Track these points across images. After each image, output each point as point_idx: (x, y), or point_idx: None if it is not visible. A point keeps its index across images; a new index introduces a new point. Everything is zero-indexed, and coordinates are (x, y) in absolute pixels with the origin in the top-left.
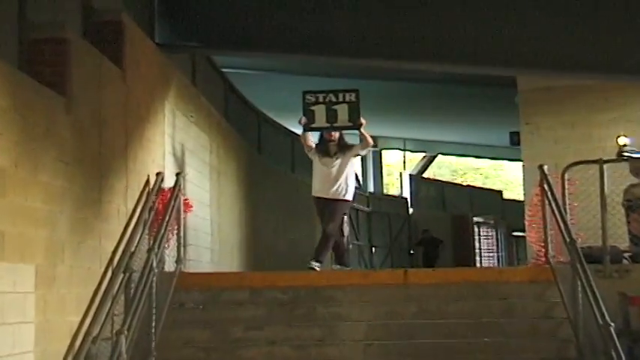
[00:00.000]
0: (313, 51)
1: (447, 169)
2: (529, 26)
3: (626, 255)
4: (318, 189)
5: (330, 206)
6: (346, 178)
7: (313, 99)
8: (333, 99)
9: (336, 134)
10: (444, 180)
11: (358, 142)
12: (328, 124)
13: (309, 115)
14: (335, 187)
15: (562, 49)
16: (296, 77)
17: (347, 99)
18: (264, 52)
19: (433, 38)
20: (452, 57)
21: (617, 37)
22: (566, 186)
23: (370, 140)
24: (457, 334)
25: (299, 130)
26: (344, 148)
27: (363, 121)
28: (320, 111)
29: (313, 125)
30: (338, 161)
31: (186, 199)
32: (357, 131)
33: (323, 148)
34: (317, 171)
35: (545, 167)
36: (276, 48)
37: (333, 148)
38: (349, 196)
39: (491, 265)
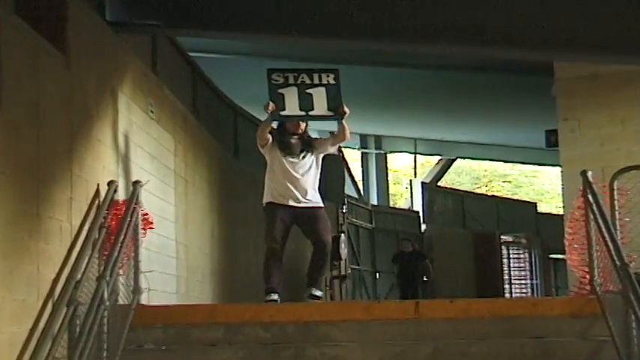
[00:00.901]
0: (302, 32)
1: (467, 176)
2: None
3: None
4: (280, 194)
5: (307, 216)
6: (315, 182)
7: (281, 79)
8: (307, 80)
9: (303, 125)
10: (464, 190)
11: (327, 136)
12: (303, 112)
13: (278, 99)
14: (308, 193)
15: (610, 26)
16: (281, 63)
17: (324, 81)
18: (240, 32)
19: (450, 14)
20: (473, 37)
21: None
22: (616, 197)
23: (349, 135)
24: None
25: None
26: (310, 143)
27: (346, 109)
28: (291, 95)
29: (284, 113)
30: (307, 160)
31: (145, 214)
32: (333, 122)
33: (284, 142)
34: (278, 172)
35: (590, 174)
36: (256, 28)
37: (298, 144)
38: (321, 204)
39: (523, 295)
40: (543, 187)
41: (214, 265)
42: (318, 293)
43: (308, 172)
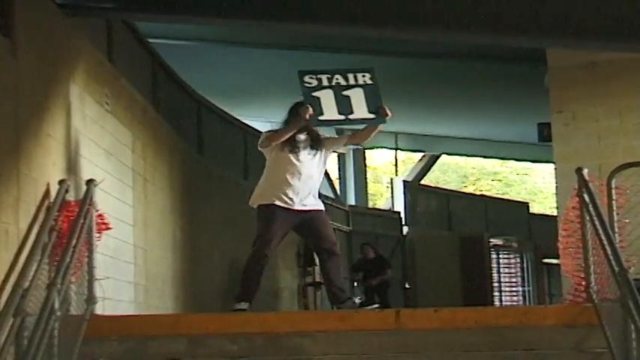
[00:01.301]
0: (270, 15)
1: (453, 173)
2: None
3: None
4: (284, 195)
5: (313, 220)
6: (319, 183)
7: (315, 82)
8: (342, 82)
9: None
10: (449, 189)
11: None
12: (342, 117)
13: (314, 103)
14: (314, 196)
15: (608, 10)
16: (249, 50)
17: (360, 81)
18: (203, 16)
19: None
20: (460, 23)
21: None
22: (614, 196)
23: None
24: None
25: (257, 123)
26: (320, 140)
27: (388, 110)
28: (327, 98)
29: (322, 118)
30: (315, 159)
31: (100, 216)
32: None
33: (293, 138)
34: (282, 171)
35: (585, 171)
36: (221, 11)
37: (307, 141)
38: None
39: (514, 303)
40: (536, 185)
41: (176, 272)
42: (357, 300)
43: (316, 171)
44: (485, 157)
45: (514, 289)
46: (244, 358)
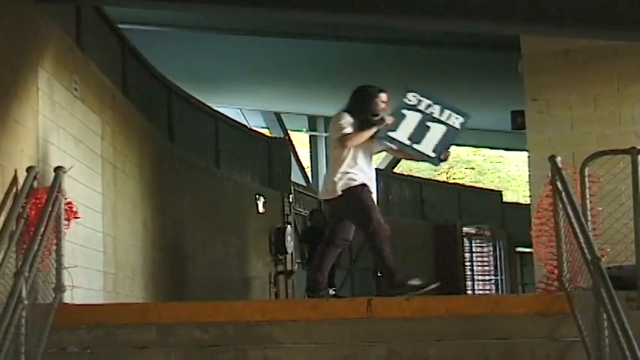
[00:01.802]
0: (241, 1)
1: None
2: None
3: None
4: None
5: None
6: None
7: (414, 101)
8: (436, 113)
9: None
10: (422, 177)
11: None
12: (408, 142)
13: (398, 118)
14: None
15: None
16: (219, 36)
17: (450, 121)
18: (175, 1)
19: None
20: (432, 9)
21: None
22: (587, 184)
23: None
24: None
25: (228, 110)
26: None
27: (449, 156)
28: (411, 121)
29: (391, 134)
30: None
31: (69, 204)
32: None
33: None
34: (362, 163)
35: (559, 159)
36: None
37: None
38: None
39: (486, 292)
40: (509, 173)
41: (146, 261)
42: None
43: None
44: (458, 144)
45: (487, 277)
46: (215, 346)
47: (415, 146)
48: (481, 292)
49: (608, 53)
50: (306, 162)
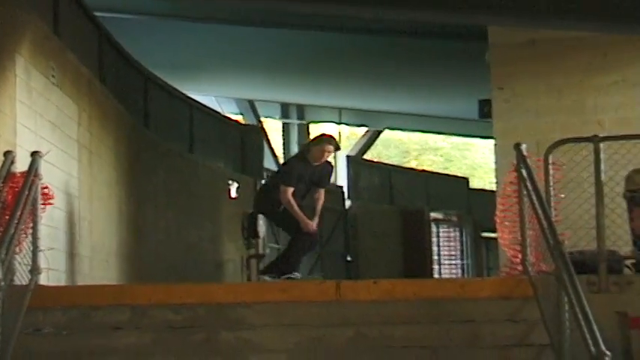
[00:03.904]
0: None
1: (396, 149)
2: None
3: (628, 263)
4: None
5: None
6: None
7: None
8: None
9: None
10: (392, 163)
11: None
12: None
13: None
14: None
15: None
16: (194, 25)
17: None
18: None
19: None
20: (405, 1)
21: None
22: (551, 171)
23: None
24: None
25: (203, 97)
26: None
27: None
28: None
29: None
30: None
31: (45, 188)
32: None
33: None
34: None
35: (524, 147)
36: None
37: None
38: None
39: (453, 275)
40: (476, 161)
41: (121, 244)
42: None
43: None
44: (426, 132)
45: (453, 261)
46: (187, 328)
47: None
48: (447, 275)
49: (572, 44)
50: (278, 149)
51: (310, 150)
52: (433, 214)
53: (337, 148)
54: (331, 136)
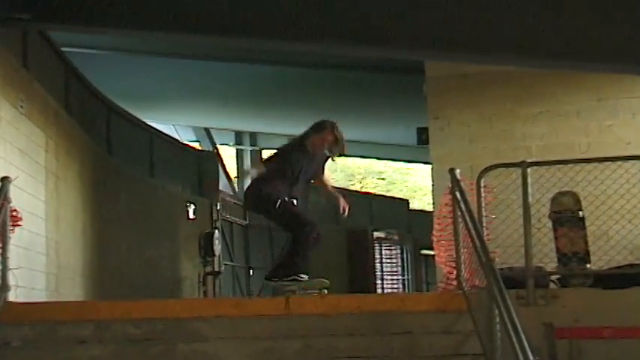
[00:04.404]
0: (169, 28)
1: (341, 172)
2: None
3: (554, 278)
4: None
5: None
6: None
7: None
8: None
9: None
10: (338, 186)
11: None
12: None
13: None
14: None
15: (477, 26)
16: (154, 59)
17: None
18: (113, 27)
19: (323, 13)
20: (346, 36)
21: (542, 15)
22: (483, 194)
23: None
24: None
25: (162, 125)
26: None
27: None
28: None
29: None
30: None
31: (14, 211)
32: None
33: None
34: None
35: (457, 171)
36: (126, 23)
37: None
38: None
39: (395, 290)
40: (416, 184)
41: (86, 263)
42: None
43: None
44: (370, 157)
45: (395, 277)
46: (147, 340)
47: None
48: (389, 290)
49: (501, 77)
50: (233, 173)
51: (311, 138)
52: (376, 234)
53: (336, 139)
54: (334, 124)
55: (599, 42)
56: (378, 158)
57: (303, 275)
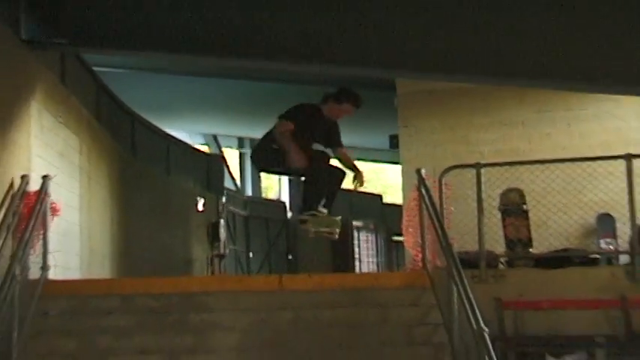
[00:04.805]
0: (183, 50)
1: None
2: (409, 25)
3: (502, 260)
4: None
5: None
6: None
7: None
8: None
9: None
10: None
11: None
12: None
13: None
14: None
15: (441, 48)
16: (171, 77)
17: None
18: (136, 50)
19: (311, 37)
20: (327, 57)
21: (503, 37)
22: (444, 190)
23: None
24: (333, 341)
25: (177, 132)
26: None
27: None
28: None
29: None
30: None
31: (53, 203)
32: None
33: None
34: None
35: (423, 171)
36: (148, 46)
37: None
38: None
39: (370, 270)
40: (388, 182)
41: (113, 247)
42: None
43: None
44: None
45: (370, 259)
46: (163, 312)
47: None
48: (366, 270)
49: (461, 93)
50: (235, 173)
51: (328, 104)
52: (355, 223)
53: (358, 106)
54: (357, 97)
55: (544, 62)
56: (357, 160)
57: (322, 210)
